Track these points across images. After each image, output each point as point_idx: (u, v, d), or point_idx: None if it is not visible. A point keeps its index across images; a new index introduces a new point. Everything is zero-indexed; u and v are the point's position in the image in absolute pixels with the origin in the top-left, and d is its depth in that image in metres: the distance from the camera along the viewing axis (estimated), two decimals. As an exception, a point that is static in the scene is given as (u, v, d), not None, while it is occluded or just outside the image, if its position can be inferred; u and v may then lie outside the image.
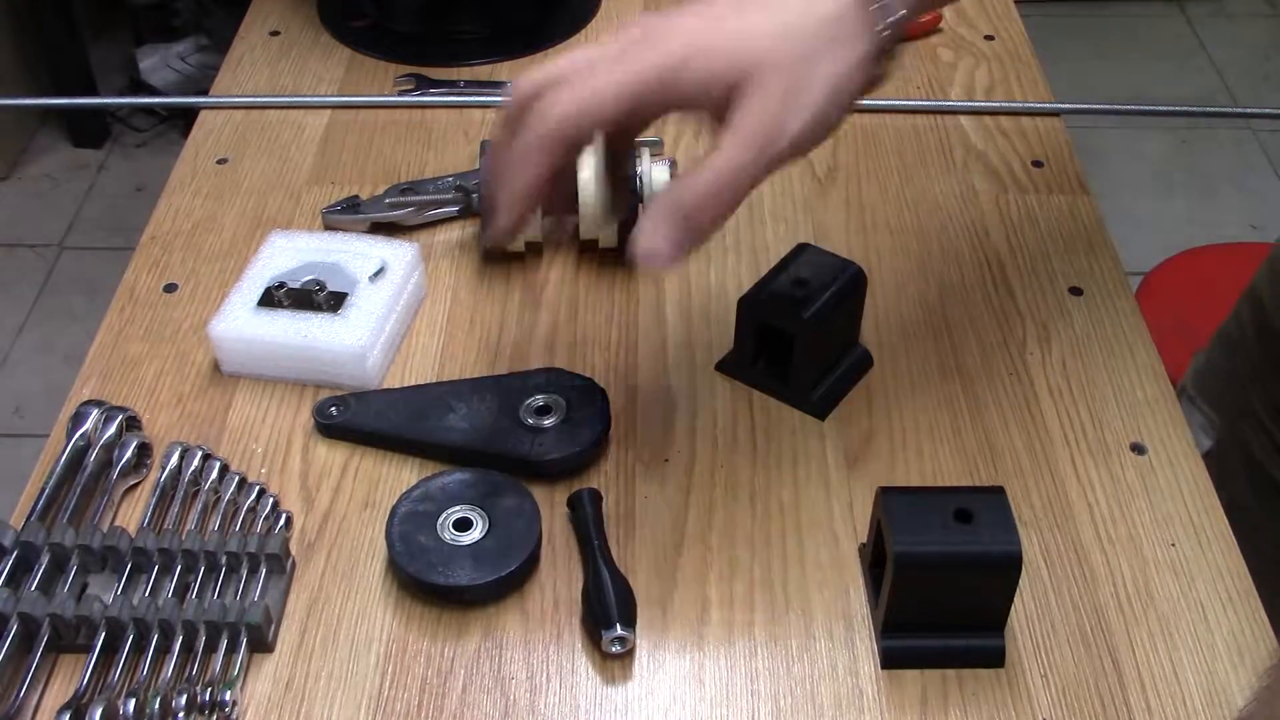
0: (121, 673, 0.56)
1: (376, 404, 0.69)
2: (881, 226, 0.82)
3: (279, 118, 0.92)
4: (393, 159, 0.88)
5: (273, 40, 1.01)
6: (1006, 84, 0.95)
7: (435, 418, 0.67)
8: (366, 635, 0.59)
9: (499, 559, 0.60)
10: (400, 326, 0.74)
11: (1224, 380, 0.88)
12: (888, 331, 0.74)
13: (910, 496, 0.58)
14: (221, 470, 0.65)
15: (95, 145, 2.50)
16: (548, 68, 0.56)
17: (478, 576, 0.59)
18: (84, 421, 0.66)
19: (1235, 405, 0.85)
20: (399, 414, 0.68)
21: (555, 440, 0.65)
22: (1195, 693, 0.57)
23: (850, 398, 0.70)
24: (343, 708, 0.56)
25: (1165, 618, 0.60)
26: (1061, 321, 0.75)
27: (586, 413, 0.67)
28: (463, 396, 0.68)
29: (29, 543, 0.60)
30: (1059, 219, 0.83)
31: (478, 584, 0.59)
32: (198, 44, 2.52)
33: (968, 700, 0.57)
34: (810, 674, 0.58)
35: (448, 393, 0.69)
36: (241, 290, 0.72)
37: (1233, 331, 0.89)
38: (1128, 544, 0.63)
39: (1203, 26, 2.86)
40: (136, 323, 0.75)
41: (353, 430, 0.68)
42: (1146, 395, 0.71)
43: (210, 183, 0.86)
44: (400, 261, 0.74)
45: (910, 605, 0.57)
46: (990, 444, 0.68)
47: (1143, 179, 2.44)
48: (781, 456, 0.67)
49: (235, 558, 0.60)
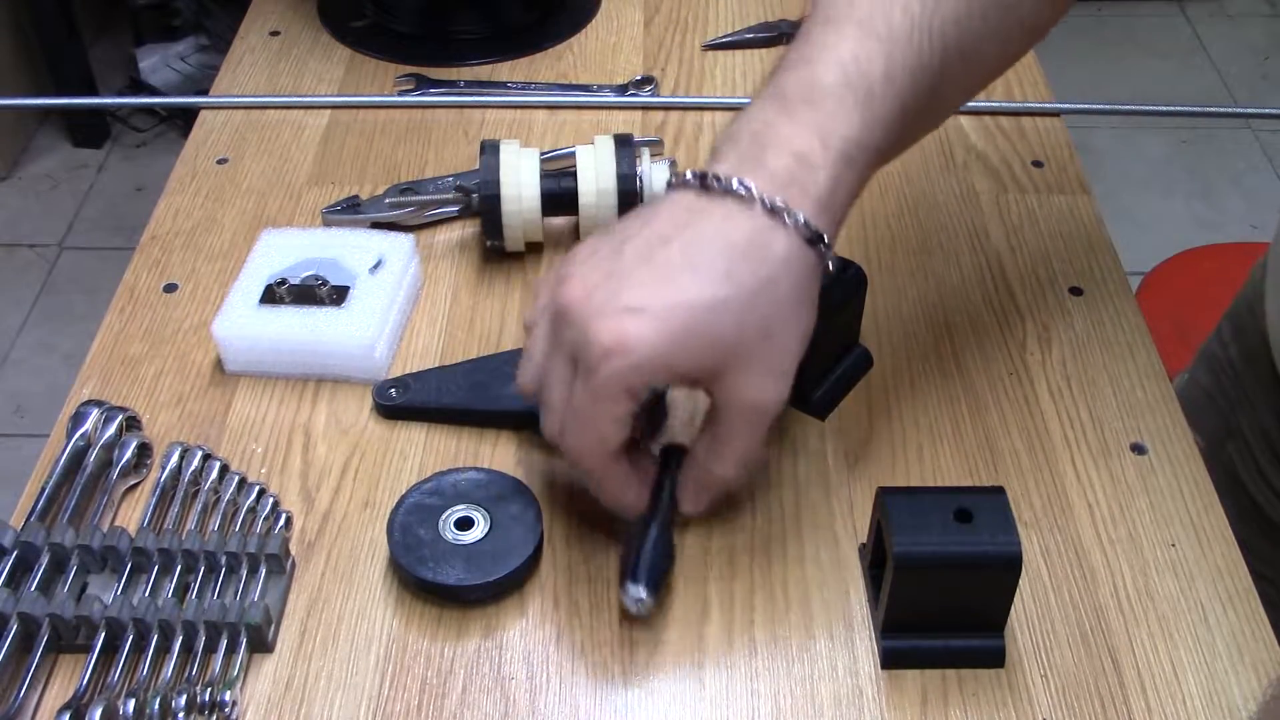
0: (121, 673, 0.56)
1: (434, 381, 0.69)
2: (881, 226, 0.82)
3: (279, 118, 0.92)
4: (393, 159, 0.88)
5: (273, 40, 1.01)
6: (1006, 84, 0.95)
7: (498, 387, 0.68)
8: (366, 635, 0.59)
9: (491, 563, 0.60)
10: (401, 318, 0.74)
11: (1207, 401, 0.86)
12: (888, 331, 0.74)
13: (910, 496, 0.58)
14: (221, 470, 0.65)
15: (95, 145, 2.50)
16: (556, 418, 0.57)
17: (466, 577, 0.59)
18: (84, 421, 0.66)
19: (1220, 427, 0.84)
20: (460, 388, 0.69)
21: None
22: (1195, 693, 0.57)
23: (850, 398, 0.70)
24: (343, 708, 0.56)
25: (1165, 618, 0.60)
26: (1061, 321, 0.75)
27: None
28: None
29: (29, 543, 0.60)
30: (1059, 219, 0.83)
31: (465, 584, 0.59)
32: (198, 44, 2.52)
33: (968, 700, 0.57)
34: (810, 674, 0.58)
35: (505, 362, 0.69)
36: (241, 288, 0.72)
37: (1216, 351, 0.87)
38: (1128, 544, 0.63)
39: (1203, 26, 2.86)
40: (136, 323, 0.75)
41: (415, 409, 0.68)
42: (1146, 395, 0.71)
43: (210, 183, 0.86)
44: (397, 253, 0.74)
45: (910, 605, 0.57)
46: (990, 444, 0.68)
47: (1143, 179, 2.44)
48: (781, 456, 0.67)
49: (235, 558, 0.60)
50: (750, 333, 0.54)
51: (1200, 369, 0.89)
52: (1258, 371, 0.81)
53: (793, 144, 0.55)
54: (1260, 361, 0.80)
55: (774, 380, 0.55)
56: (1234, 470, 0.82)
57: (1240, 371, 0.83)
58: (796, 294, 0.55)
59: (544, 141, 0.90)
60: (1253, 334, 0.82)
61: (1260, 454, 0.81)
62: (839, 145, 0.55)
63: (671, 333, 0.52)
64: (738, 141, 0.56)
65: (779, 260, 0.54)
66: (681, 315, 0.53)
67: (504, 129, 0.91)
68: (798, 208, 0.54)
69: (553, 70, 0.97)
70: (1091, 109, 1.01)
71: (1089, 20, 2.83)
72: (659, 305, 0.53)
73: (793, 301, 0.55)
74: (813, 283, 0.56)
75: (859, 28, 0.56)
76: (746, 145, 0.55)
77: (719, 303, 0.53)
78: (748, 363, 0.54)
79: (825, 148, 0.55)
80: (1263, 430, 0.80)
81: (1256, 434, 0.81)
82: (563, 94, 0.93)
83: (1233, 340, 0.85)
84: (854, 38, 0.56)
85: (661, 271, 0.53)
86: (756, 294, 0.53)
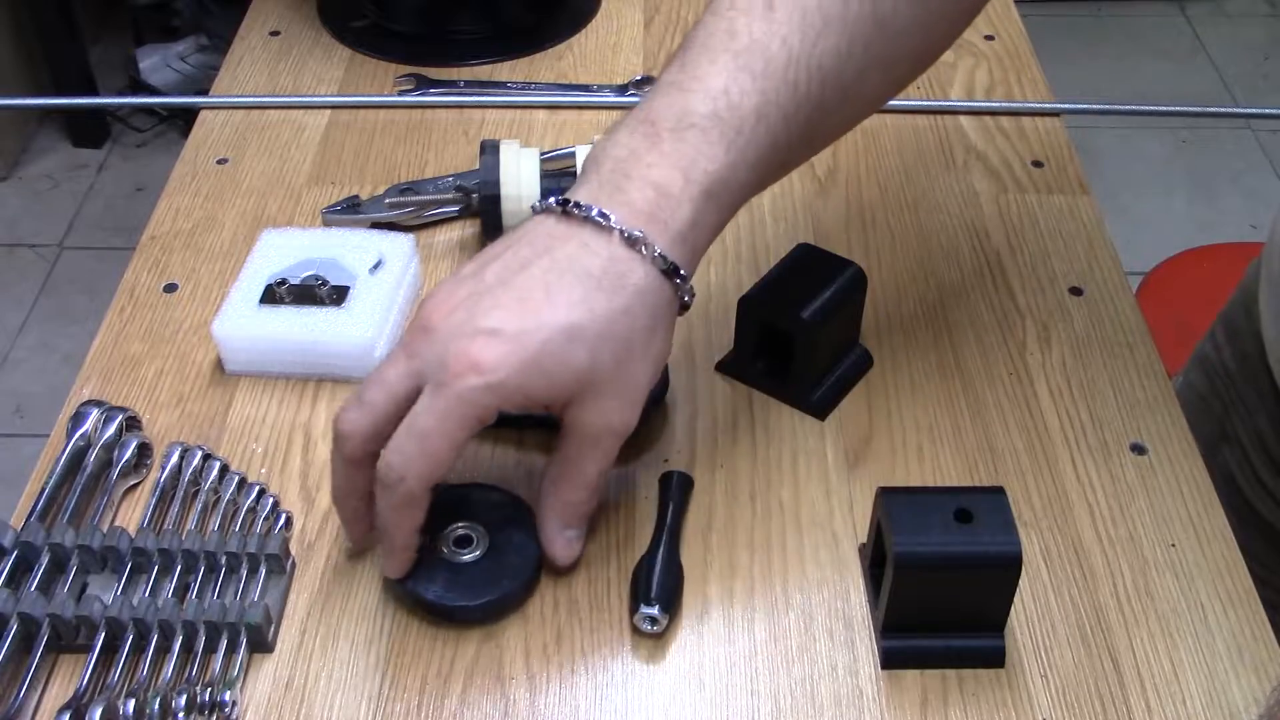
0: (121, 673, 0.56)
1: None
2: (881, 226, 0.82)
3: (279, 118, 0.92)
4: (393, 159, 0.88)
5: (273, 40, 1.01)
6: (1006, 84, 0.95)
7: None
8: (366, 635, 0.59)
9: (480, 586, 0.59)
10: (401, 318, 0.74)
11: (1202, 405, 0.86)
12: (888, 331, 0.74)
13: (910, 496, 0.58)
14: (221, 470, 0.65)
15: (95, 145, 2.50)
16: (365, 413, 0.55)
17: (450, 597, 0.58)
18: (84, 421, 0.66)
19: (1215, 431, 0.83)
20: None
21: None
22: (1195, 693, 0.57)
23: (850, 398, 0.70)
24: (343, 708, 0.56)
25: (1165, 618, 0.60)
26: (1061, 321, 0.75)
27: None
28: None
29: (29, 543, 0.60)
30: (1059, 219, 0.83)
31: (447, 603, 0.58)
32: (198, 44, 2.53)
33: (968, 700, 0.57)
34: (810, 674, 0.58)
35: None
36: (241, 288, 0.72)
37: (1209, 354, 0.87)
38: (1128, 544, 0.63)
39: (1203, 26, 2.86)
40: (136, 323, 0.75)
41: None
42: (1146, 395, 0.71)
43: (210, 183, 0.86)
44: (397, 253, 0.74)
45: (910, 605, 0.57)
46: (990, 444, 0.68)
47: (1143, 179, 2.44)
48: (781, 456, 0.67)
49: (235, 558, 0.60)
50: (604, 360, 0.54)
51: (1194, 372, 0.88)
52: (1252, 374, 0.80)
53: (654, 175, 0.55)
54: (1254, 364, 0.80)
55: (624, 406, 0.56)
56: (1230, 474, 0.82)
57: (1234, 374, 0.83)
58: (651, 324, 0.56)
59: (544, 141, 0.90)
60: (1247, 336, 0.81)
61: (1256, 458, 0.80)
62: (701, 180, 0.55)
63: (526, 357, 0.53)
64: (600, 167, 0.56)
65: (634, 290, 0.54)
66: (537, 340, 0.53)
67: (504, 129, 0.91)
68: (655, 240, 0.55)
69: (553, 70, 0.97)
70: (1091, 109, 1.01)
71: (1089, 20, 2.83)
72: (515, 328, 0.53)
73: (646, 330, 0.56)
74: (668, 313, 0.57)
75: (735, 60, 0.56)
76: (609, 173, 0.56)
77: (574, 329, 0.53)
78: (600, 389, 0.55)
79: (687, 181, 0.55)
80: (1258, 434, 0.80)
81: (1252, 438, 0.81)
82: (563, 94, 0.93)
83: (1226, 343, 0.84)
84: (729, 70, 0.56)
85: (520, 294, 0.54)
86: (612, 322, 0.54)
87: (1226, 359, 0.84)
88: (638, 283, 0.55)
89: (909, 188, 0.85)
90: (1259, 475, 0.80)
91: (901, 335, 0.74)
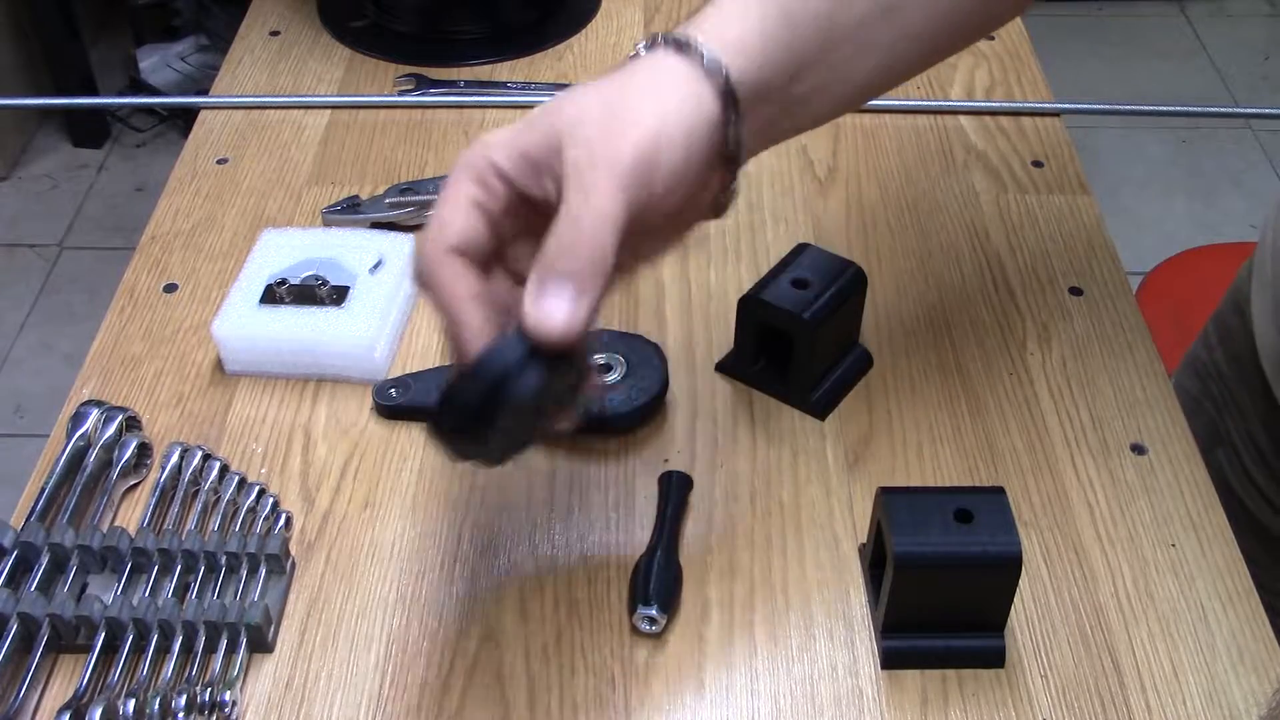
0: (121, 673, 0.56)
1: (434, 381, 0.69)
2: (881, 226, 0.82)
3: (279, 118, 0.92)
4: (393, 159, 0.88)
5: (273, 40, 1.01)
6: (1006, 84, 0.95)
7: None
8: (366, 635, 0.59)
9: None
10: (401, 318, 0.74)
11: (1195, 406, 0.85)
12: (888, 331, 0.74)
13: (910, 496, 0.58)
14: (221, 470, 0.65)
15: (95, 145, 2.50)
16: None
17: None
18: (84, 421, 0.66)
19: (1208, 433, 0.83)
20: None
21: (623, 395, 0.67)
22: (1195, 693, 0.57)
23: (850, 398, 0.70)
24: (343, 708, 0.56)
25: (1165, 618, 0.60)
26: (1061, 321, 0.75)
27: (647, 370, 0.68)
28: None
29: (29, 543, 0.60)
30: (1059, 219, 0.83)
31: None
32: (198, 44, 2.53)
33: (968, 700, 0.57)
34: (810, 674, 0.58)
35: None
36: (241, 288, 0.72)
37: (1202, 355, 0.86)
38: (1128, 544, 0.63)
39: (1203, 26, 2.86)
40: (136, 323, 0.75)
41: (415, 409, 0.68)
42: (1146, 395, 0.71)
43: (210, 183, 0.86)
44: (397, 253, 0.74)
45: (910, 605, 0.57)
46: (990, 444, 0.68)
47: (1143, 179, 2.44)
48: (781, 456, 0.67)
49: (235, 558, 0.60)
50: (591, 109, 0.51)
51: (1187, 374, 0.88)
52: (1244, 375, 0.80)
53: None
54: (1247, 365, 0.80)
55: (616, 131, 0.50)
56: (1224, 476, 0.81)
57: (1227, 376, 0.83)
58: (655, 90, 0.52)
59: (544, 141, 0.90)
60: (1239, 337, 0.81)
61: (1249, 459, 0.80)
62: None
63: (525, 120, 0.52)
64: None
65: (650, 67, 0.52)
66: (537, 110, 0.52)
67: (504, 129, 0.91)
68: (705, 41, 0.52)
69: (553, 70, 0.97)
70: (1091, 109, 1.01)
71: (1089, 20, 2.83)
72: (535, 111, 0.52)
73: (647, 96, 0.52)
74: (677, 88, 0.52)
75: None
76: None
77: (574, 90, 0.52)
78: (588, 124, 0.50)
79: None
80: (1250, 435, 0.80)
81: (1245, 439, 0.81)
82: (563, 94, 0.93)
83: (1219, 344, 0.84)
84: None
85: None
86: (610, 83, 0.52)
87: (1219, 360, 0.84)
88: (660, 62, 0.52)
89: (909, 188, 0.85)
90: (1252, 477, 0.80)
91: (901, 335, 0.74)
